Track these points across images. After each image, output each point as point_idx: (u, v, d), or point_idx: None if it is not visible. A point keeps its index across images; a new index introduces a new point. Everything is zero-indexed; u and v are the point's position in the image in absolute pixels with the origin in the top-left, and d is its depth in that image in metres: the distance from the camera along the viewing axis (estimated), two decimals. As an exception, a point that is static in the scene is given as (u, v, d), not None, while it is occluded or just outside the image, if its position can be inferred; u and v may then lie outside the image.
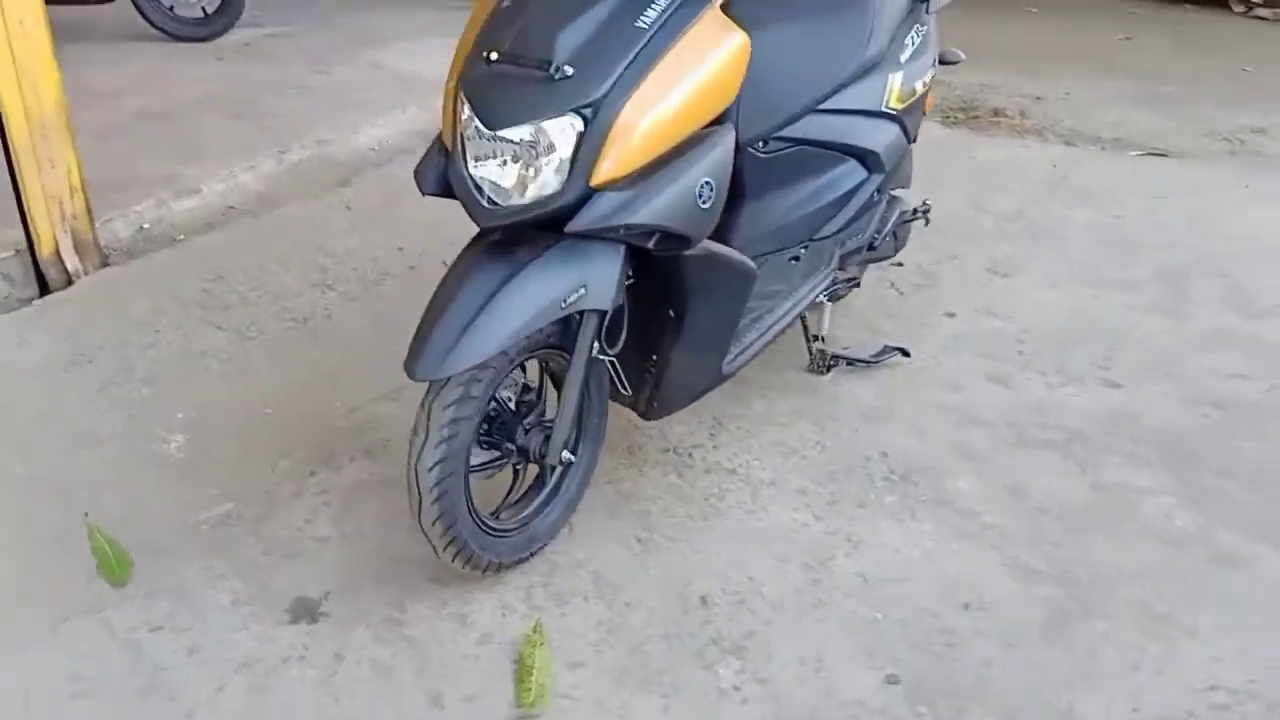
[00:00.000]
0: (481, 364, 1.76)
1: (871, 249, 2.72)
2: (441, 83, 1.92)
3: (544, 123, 1.73)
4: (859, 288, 2.91)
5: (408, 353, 1.76)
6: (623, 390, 2.16)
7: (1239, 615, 2.01)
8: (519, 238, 1.83)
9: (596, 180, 1.75)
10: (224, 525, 2.19)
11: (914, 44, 2.61)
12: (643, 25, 1.79)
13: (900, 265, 3.28)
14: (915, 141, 2.74)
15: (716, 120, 1.93)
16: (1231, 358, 2.88)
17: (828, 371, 2.74)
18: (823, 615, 2.00)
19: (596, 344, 1.95)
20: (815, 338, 2.75)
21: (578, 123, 1.74)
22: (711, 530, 2.21)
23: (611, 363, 2.07)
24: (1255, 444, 2.52)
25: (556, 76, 1.73)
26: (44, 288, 3.05)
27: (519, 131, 1.74)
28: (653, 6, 1.80)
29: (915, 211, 2.97)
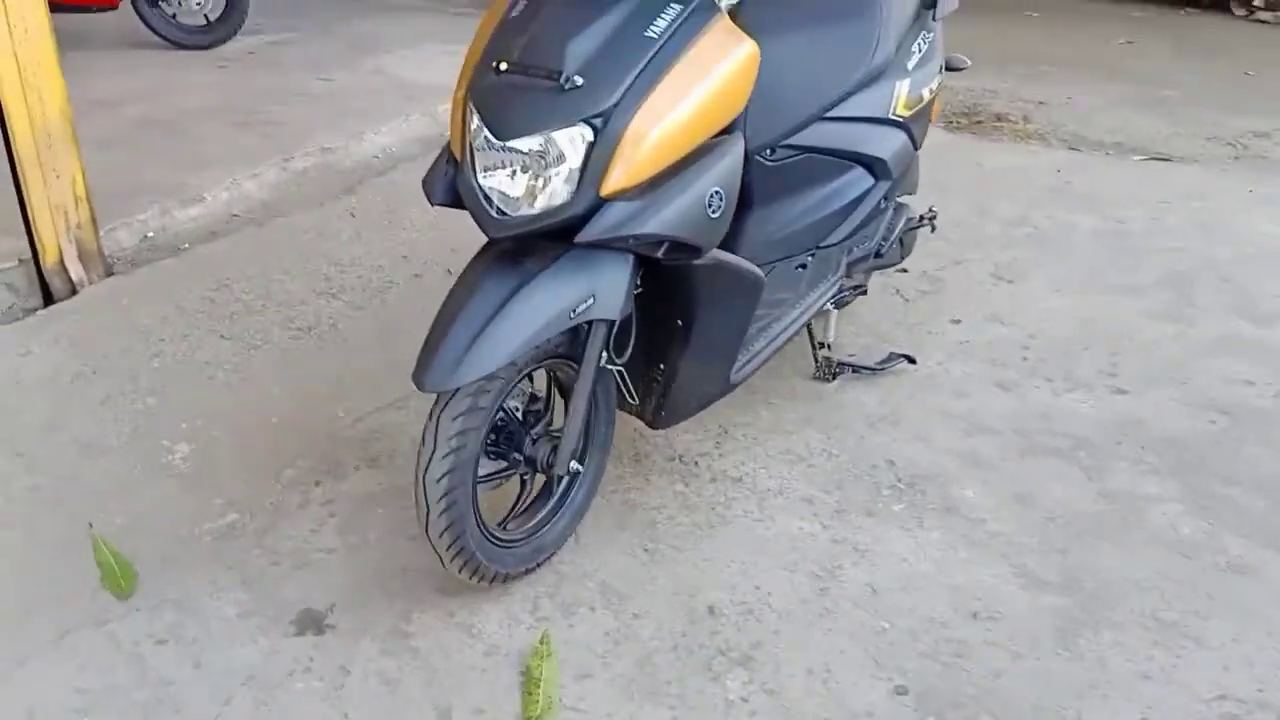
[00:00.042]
0: (490, 375, 1.75)
1: (878, 256, 2.72)
2: (443, 89, 1.91)
3: (554, 133, 1.73)
4: (865, 295, 2.91)
5: (416, 364, 1.75)
6: (630, 399, 2.15)
7: (1248, 623, 2.01)
8: (528, 248, 1.82)
9: (606, 190, 1.74)
10: (229, 536, 2.19)
11: (921, 51, 2.60)
12: (652, 35, 1.78)
13: (905, 272, 3.28)
14: (920, 148, 2.74)
15: (725, 129, 1.93)
16: (1238, 363, 2.88)
17: (834, 379, 2.74)
18: (831, 625, 1.99)
19: (605, 354, 1.94)
20: (821, 345, 2.74)
21: (587, 133, 1.73)
22: (718, 539, 2.20)
23: (619, 372, 2.06)
24: (1262, 450, 2.51)
25: (566, 86, 1.73)
26: (48, 297, 3.05)
27: (529, 142, 1.74)
28: (662, 16, 1.80)
29: (921, 218, 2.98)
